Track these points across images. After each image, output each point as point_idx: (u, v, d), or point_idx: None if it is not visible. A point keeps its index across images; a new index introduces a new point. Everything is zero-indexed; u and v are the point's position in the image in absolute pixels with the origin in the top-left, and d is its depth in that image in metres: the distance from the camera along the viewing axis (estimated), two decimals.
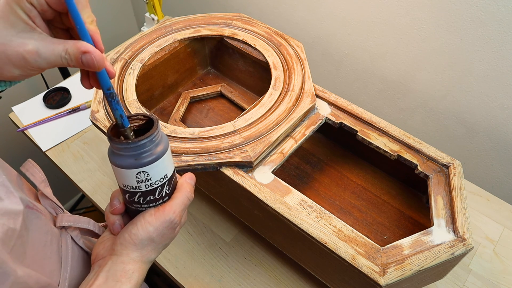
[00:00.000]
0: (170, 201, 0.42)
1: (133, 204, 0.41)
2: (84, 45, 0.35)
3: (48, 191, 0.46)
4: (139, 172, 0.38)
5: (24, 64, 0.37)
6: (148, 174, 0.39)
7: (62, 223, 0.46)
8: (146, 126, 0.41)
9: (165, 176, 0.41)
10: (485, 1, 0.70)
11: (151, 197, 0.41)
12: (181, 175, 0.46)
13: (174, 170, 0.43)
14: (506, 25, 0.71)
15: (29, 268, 0.38)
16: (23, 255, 0.38)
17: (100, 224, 0.52)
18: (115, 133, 0.40)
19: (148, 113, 0.40)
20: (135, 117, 0.41)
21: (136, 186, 0.39)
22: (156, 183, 0.40)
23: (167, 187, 0.41)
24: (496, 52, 0.75)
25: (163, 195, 0.42)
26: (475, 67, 0.79)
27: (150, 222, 0.41)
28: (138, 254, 0.41)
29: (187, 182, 0.44)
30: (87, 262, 0.50)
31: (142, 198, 0.40)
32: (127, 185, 0.40)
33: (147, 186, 0.40)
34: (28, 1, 0.35)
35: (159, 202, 0.42)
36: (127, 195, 0.41)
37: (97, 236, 0.51)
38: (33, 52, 0.36)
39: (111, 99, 0.37)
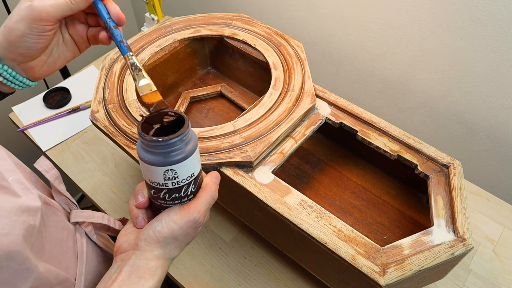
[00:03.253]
0: (195, 200, 0.42)
1: (158, 200, 0.41)
2: None
3: (62, 187, 0.47)
4: (167, 170, 0.38)
5: (29, 14, 0.41)
6: (176, 172, 0.39)
7: (76, 219, 0.47)
8: (176, 123, 0.41)
9: (192, 175, 0.40)
10: (485, 1, 0.70)
11: (177, 195, 0.41)
12: None
13: (200, 169, 0.43)
14: (506, 25, 0.71)
15: (48, 264, 0.38)
16: (42, 251, 0.38)
17: (116, 219, 0.52)
18: (145, 128, 0.40)
19: (180, 111, 0.41)
20: (166, 113, 0.41)
21: (163, 183, 0.39)
22: (183, 181, 0.40)
23: (193, 185, 0.41)
24: (496, 52, 0.75)
25: (189, 193, 0.42)
26: (475, 67, 0.79)
27: (175, 220, 0.41)
28: (161, 251, 0.41)
29: (212, 181, 0.44)
30: (101, 257, 0.50)
31: (167, 195, 0.40)
32: (154, 181, 0.40)
33: (173, 184, 0.40)
34: None
35: (184, 200, 0.42)
36: (152, 190, 0.41)
37: (110, 230, 0.51)
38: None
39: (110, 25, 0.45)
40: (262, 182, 0.56)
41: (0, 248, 0.32)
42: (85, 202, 1.59)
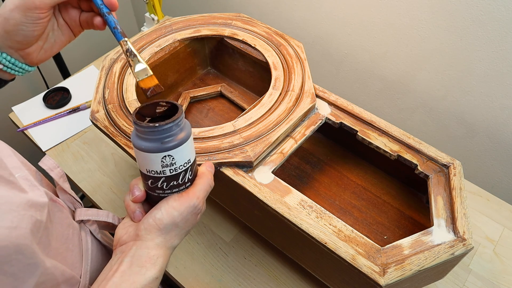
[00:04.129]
0: (193, 187, 0.43)
1: (156, 190, 0.41)
2: None
3: (66, 186, 0.47)
4: (165, 156, 0.39)
5: (24, 2, 0.41)
6: (173, 158, 0.39)
7: (81, 217, 0.47)
8: (169, 113, 0.42)
9: (189, 161, 0.41)
10: (485, 1, 0.70)
11: (175, 183, 0.41)
12: None
13: (195, 157, 0.43)
14: (506, 25, 0.71)
15: (54, 260, 0.38)
16: (49, 247, 0.38)
17: (120, 218, 0.52)
18: (139, 119, 0.40)
19: (172, 100, 0.41)
20: (158, 104, 0.42)
21: (160, 171, 0.40)
22: (180, 167, 0.40)
23: (190, 172, 0.42)
24: (496, 52, 0.75)
25: (186, 180, 0.42)
26: (475, 67, 0.79)
27: (175, 207, 0.41)
28: (162, 239, 0.41)
29: (207, 170, 0.45)
30: (105, 256, 0.50)
31: (165, 184, 0.41)
32: (152, 170, 0.40)
33: (171, 171, 0.40)
34: None
35: (182, 188, 0.42)
36: (150, 181, 0.41)
37: (114, 229, 0.52)
38: None
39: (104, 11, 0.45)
40: (262, 182, 0.56)
41: (10, 241, 0.32)
42: (85, 202, 1.59)
